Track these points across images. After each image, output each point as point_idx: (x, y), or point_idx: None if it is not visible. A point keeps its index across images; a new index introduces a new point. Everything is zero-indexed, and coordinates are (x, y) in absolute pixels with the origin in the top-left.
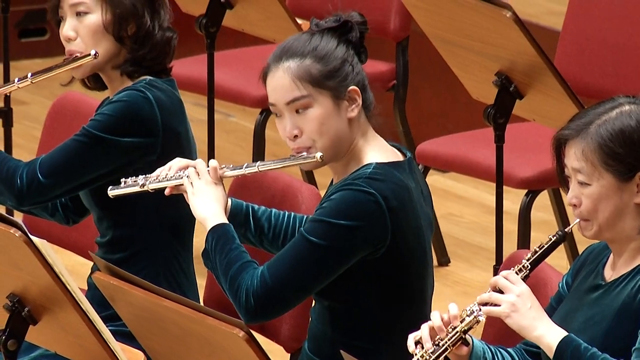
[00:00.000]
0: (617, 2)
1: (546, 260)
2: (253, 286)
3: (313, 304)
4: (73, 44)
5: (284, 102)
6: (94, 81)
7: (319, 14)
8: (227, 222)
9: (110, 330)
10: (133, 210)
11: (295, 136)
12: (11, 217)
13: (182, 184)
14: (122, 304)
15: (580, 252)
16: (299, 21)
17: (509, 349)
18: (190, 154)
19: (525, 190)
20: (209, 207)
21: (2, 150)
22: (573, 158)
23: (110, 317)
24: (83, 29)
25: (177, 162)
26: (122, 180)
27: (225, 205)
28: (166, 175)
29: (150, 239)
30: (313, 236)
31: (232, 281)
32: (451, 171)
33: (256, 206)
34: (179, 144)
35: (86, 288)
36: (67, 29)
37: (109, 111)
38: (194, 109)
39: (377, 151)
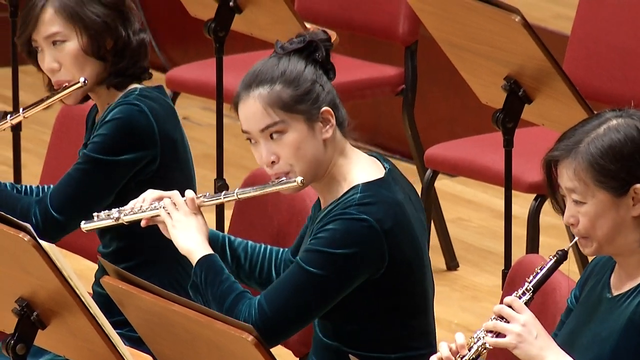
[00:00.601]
0: (626, 6)
1: None
2: (251, 317)
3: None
4: (59, 74)
5: (258, 130)
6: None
7: (328, 17)
8: (212, 252)
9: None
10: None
11: (273, 162)
12: (20, 222)
13: (158, 215)
14: (131, 309)
15: (588, 256)
16: (308, 25)
17: None
18: (187, 160)
19: (534, 195)
20: (191, 239)
21: (11, 157)
22: (566, 178)
23: (116, 324)
24: (64, 58)
25: (150, 193)
26: (95, 214)
27: (207, 235)
28: (141, 207)
29: (152, 247)
30: (310, 266)
31: (227, 314)
32: (460, 175)
33: (232, 237)
34: (175, 151)
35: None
36: (49, 61)
37: (106, 131)
38: (203, 113)
39: (359, 168)
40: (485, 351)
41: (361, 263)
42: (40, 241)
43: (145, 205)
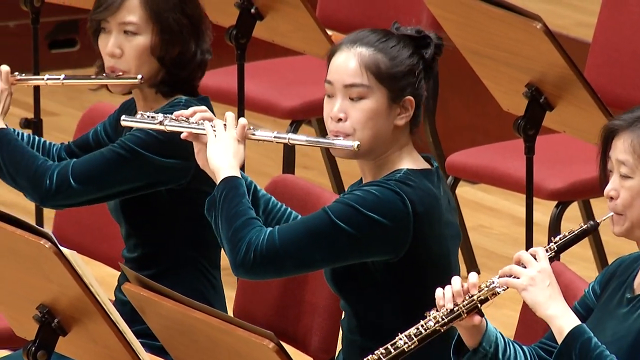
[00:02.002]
0: None
1: (576, 271)
2: (258, 242)
3: (342, 316)
4: (116, 61)
5: (343, 84)
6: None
7: (349, 24)
8: (240, 177)
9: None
10: (161, 228)
11: (340, 120)
12: (41, 228)
13: (204, 134)
14: (152, 316)
15: (609, 263)
16: (329, 32)
17: (523, 346)
18: None
19: (556, 202)
20: (226, 159)
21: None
22: (620, 149)
23: (140, 333)
24: (130, 49)
25: (202, 111)
26: (141, 112)
27: (241, 164)
28: (187, 119)
29: (177, 257)
30: (337, 217)
31: (235, 232)
32: (481, 183)
33: (259, 186)
34: None
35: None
36: (113, 45)
37: (150, 130)
38: None
39: (410, 161)
40: (494, 296)
41: (383, 235)
42: (62, 248)
43: (193, 120)
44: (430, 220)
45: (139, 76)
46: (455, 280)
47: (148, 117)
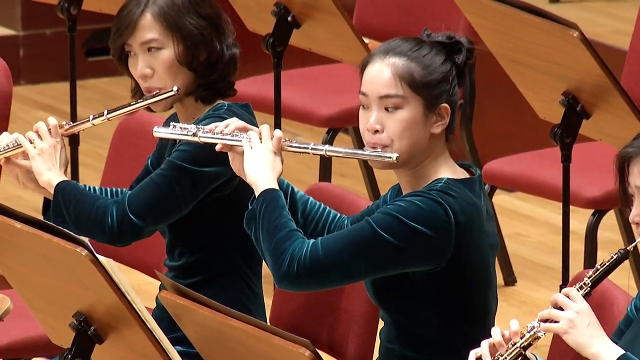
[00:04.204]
0: None
1: (612, 279)
2: (301, 253)
3: (382, 326)
4: (150, 80)
5: (378, 96)
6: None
7: (386, 32)
8: (279, 189)
9: (180, 351)
10: (205, 237)
11: (376, 131)
12: (78, 236)
13: (240, 145)
14: (189, 323)
15: None
16: (366, 40)
17: None
18: None
19: (592, 210)
20: (263, 172)
21: (69, 171)
22: (637, 176)
23: (181, 339)
24: (158, 65)
25: (236, 121)
26: (172, 123)
27: (279, 176)
28: (222, 132)
29: (221, 266)
30: (380, 228)
31: (277, 244)
32: (518, 191)
33: (296, 188)
34: None
35: (152, 307)
36: (142, 67)
37: None
38: None
39: (448, 170)
40: (537, 340)
41: (426, 246)
42: (98, 256)
43: (227, 131)
44: (472, 229)
45: (175, 88)
46: (495, 331)
47: (181, 128)
